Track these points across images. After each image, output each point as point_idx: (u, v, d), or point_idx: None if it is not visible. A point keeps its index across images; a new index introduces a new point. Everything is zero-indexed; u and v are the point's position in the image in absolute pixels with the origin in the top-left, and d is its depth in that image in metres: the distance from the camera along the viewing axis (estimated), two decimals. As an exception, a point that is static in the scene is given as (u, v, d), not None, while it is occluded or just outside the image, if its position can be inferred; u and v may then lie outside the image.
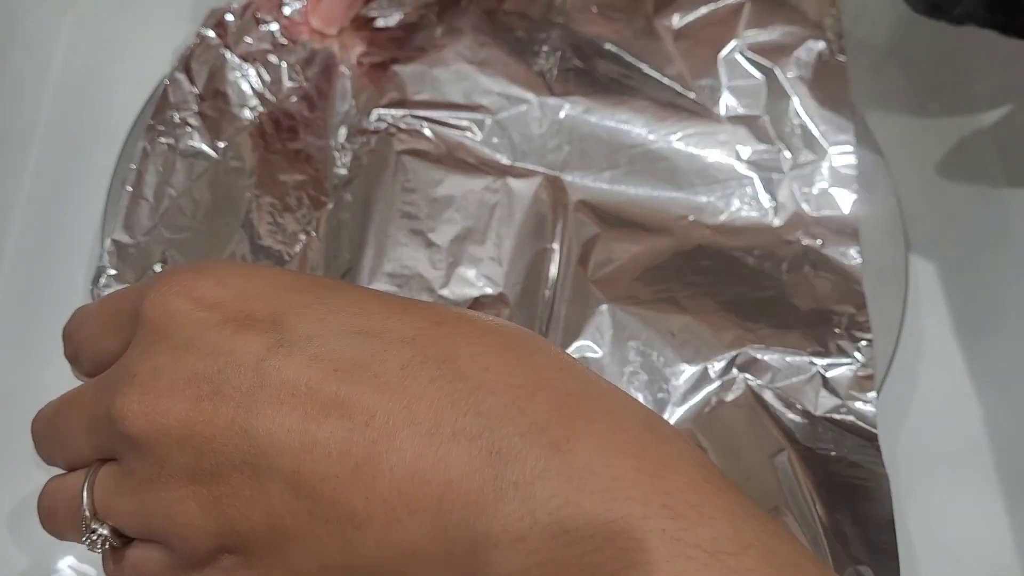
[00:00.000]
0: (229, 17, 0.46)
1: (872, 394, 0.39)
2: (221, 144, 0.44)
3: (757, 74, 0.47)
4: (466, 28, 0.48)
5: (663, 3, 0.49)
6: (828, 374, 0.39)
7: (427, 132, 0.45)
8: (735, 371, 0.39)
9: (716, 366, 0.39)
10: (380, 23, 0.48)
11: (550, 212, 0.43)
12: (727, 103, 0.46)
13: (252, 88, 0.45)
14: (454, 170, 0.44)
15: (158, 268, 0.40)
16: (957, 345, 0.46)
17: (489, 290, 0.41)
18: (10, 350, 0.44)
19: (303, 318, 0.26)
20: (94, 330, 0.30)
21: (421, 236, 0.43)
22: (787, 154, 0.45)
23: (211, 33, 0.46)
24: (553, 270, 0.42)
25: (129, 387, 0.26)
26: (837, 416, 0.38)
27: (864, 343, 0.40)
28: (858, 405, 0.38)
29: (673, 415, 0.39)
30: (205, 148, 0.44)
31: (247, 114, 0.45)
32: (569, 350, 0.40)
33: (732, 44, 0.47)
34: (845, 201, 0.43)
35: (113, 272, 0.40)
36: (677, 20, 0.48)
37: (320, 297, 0.27)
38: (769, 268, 0.42)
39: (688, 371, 0.39)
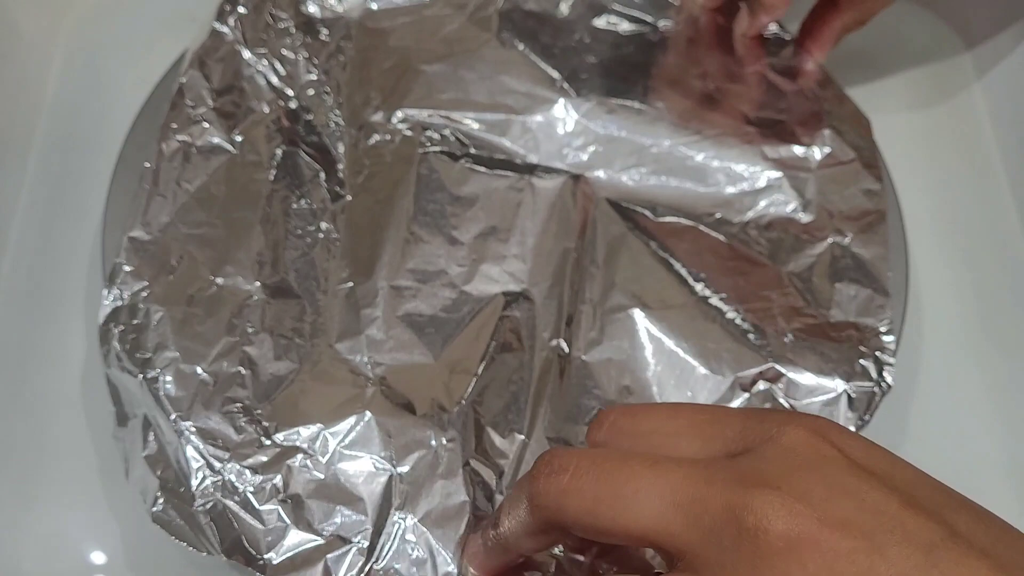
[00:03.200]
0: (242, 11, 0.46)
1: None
2: (238, 138, 0.43)
3: (783, 83, 0.47)
4: (493, 28, 0.47)
5: None
6: (854, 395, 0.38)
7: (451, 131, 0.45)
8: (763, 384, 0.39)
9: (744, 379, 0.39)
10: None
11: (575, 211, 0.43)
12: (752, 106, 0.46)
13: (268, 82, 0.45)
14: (478, 169, 0.44)
15: (175, 260, 0.39)
16: (958, 344, 0.46)
17: (513, 287, 0.41)
18: (11, 348, 0.43)
19: (963, 516, 0.26)
20: (677, 427, 0.29)
21: (445, 233, 0.42)
22: (814, 153, 0.45)
23: (225, 28, 0.45)
24: (578, 269, 0.41)
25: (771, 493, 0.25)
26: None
27: (887, 367, 0.39)
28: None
29: None
30: (221, 143, 0.43)
31: (264, 108, 0.44)
32: (594, 352, 0.39)
33: (758, 65, 0.47)
34: (872, 198, 0.43)
35: (129, 269, 0.39)
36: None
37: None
38: (796, 268, 0.42)
39: (714, 381, 0.39)
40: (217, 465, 0.34)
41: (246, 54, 0.45)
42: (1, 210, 0.46)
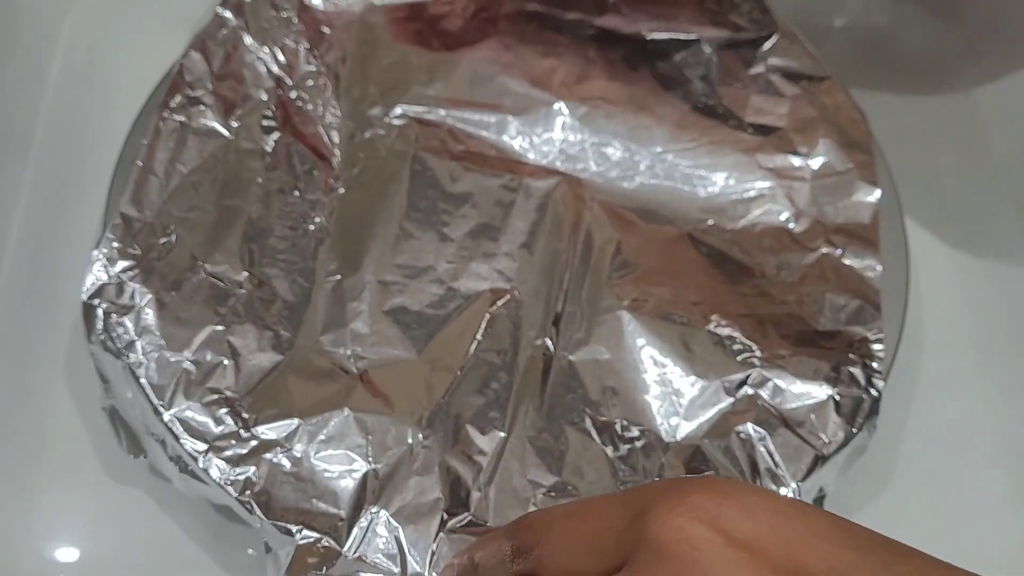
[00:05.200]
0: None
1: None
2: (234, 124, 0.43)
3: (785, 87, 0.46)
4: (491, 29, 0.47)
5: None
6: (841, 401, 0.38)
7: (447, 129, 0.45)
8: (748, 389, 0.38)
9: (729, 384, 0.39)
10: None
11: (567, 212, 0.43)
12: (752, 111, 0.46)
13: (268, 70, 0.45)
14: (472, 167, 0.44)
15: (164, 242, 0.39)
16: (958, 345, 0.46)
17: (501, 284, 0.41)
18: (11, 346, 0.43)
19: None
20: (568, 545, 0.27)
21: (435, 230, 0.42)
22: (810, 163, 0.44)
23: (228, 13, 0.45)
24: (567, 270, 0.41)
25: None
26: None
27: (876, 374, 0.39)
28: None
29: (683, 429, 0.38)
30: (218, 127, 0.43)
31: (262, 96, 0.44)
32: (579, 352, 0.39)
33: (761, 68, 0.47)
34: (867, 211, 0.43)
35: (117, 245, 0.39)
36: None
37: (887, 564, 0.23)
38: (787, 278, 0.42)
39: (700, 385, 0.39)
40: (195, 456, 0.35)
41: (248, 40, 0.45)
42: (1, 208, 0.46)
